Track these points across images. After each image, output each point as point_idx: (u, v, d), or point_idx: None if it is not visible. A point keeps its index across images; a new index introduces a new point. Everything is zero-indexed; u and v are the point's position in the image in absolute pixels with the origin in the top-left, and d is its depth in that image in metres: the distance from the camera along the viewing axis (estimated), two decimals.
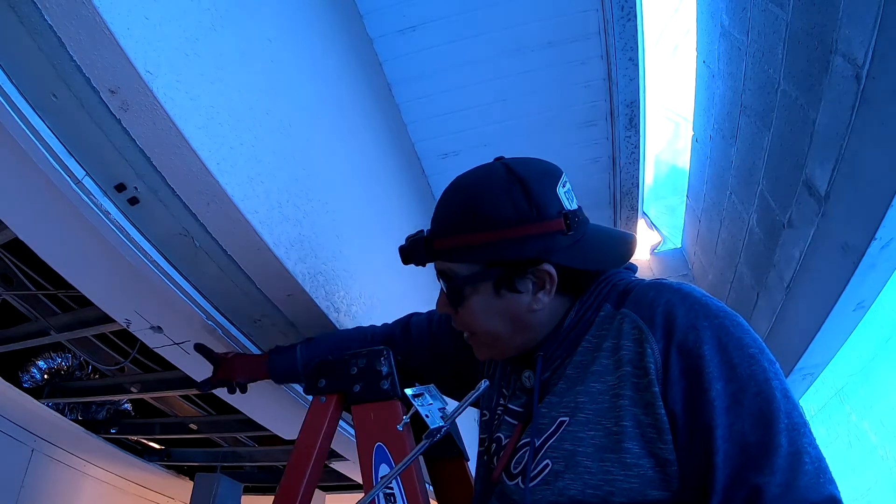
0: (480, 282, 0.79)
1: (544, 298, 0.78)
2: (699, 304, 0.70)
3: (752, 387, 0.65)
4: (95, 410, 3.10)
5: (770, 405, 0.64)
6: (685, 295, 0.72)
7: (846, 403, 2.42)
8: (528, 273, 0.77)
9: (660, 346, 0.68)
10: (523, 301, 0.78)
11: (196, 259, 1.27)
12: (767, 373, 0.66)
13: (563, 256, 0.77)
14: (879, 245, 1.51)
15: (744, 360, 0.66)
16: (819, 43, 1.53)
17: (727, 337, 0.67)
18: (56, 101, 0.95)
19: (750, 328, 0.70)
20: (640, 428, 0.67)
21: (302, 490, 0.99)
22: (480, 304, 0.80)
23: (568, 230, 0.77)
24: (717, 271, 2.94)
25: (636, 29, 2.20)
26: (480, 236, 0.77)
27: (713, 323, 0.68)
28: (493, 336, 0.82)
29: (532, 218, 0.76)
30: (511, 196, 0.77)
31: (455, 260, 0.81)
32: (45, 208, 1.14)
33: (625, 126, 2.60)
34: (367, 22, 2.26)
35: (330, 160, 1.67)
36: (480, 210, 0.78)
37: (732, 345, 0.67)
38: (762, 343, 0.69)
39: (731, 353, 0.66)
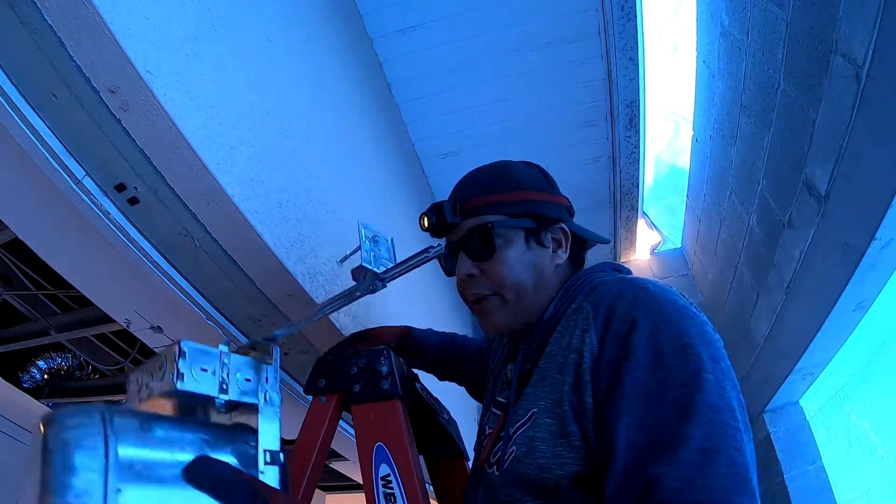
0: (514, 232, 0.88)
1: (563, 255, 0.90)
2: (646, 296, 0.71)
3: (679, 377, 0.63)
4: None
5: (693, 396, 0.61)
6: (637, 287, 0.74)
7: (846, 403, 2.43)
8: (551, 230, 0.89)
9: (598, 336, 0.71)
10: (547, 255, 0.89)
11: (196, 259, 1.26)
12: (702, 365, 0.63)
13: (573, 226, 0.92)
14: (879, 245, 1.51)
15: (676, 351, 0.65)
16: (819, 43, 1.53)
17: (665, 326, 0.67)
18: (56, 101, 0.95)
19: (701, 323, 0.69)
20: (575, 412, 0.69)
21: (302, 490, 0.99)
22: (513, 253, 0.87)
23: (570, 210, 0.95)
24: (717, 271, 2.94)
25: (636, 29, 2.20)
26: (517, 194, 0.90)
27: (653, 313, 0.69)
28: (518, 289, 0.87)
29: (551, 191, 0.94)
30: (535, 174, 0.95)
31: (491, 213, 0.89)
32: (45, 208, 1.14)
33: (625, 126, 2.60)
34: (367, 22, 2.26)
35: (330, 160, 1.67)
36: (514, 175, 0.92)
37: (667, 335, 0.66)
38: (712, 339, 0.68)
39: (662, 343, 0.66)
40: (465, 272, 0.90)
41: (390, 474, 0.92)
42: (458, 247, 0.91)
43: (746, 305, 2.56)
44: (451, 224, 0.91)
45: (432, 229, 0.94)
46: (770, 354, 2.40)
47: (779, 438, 2.53)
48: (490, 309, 0.90)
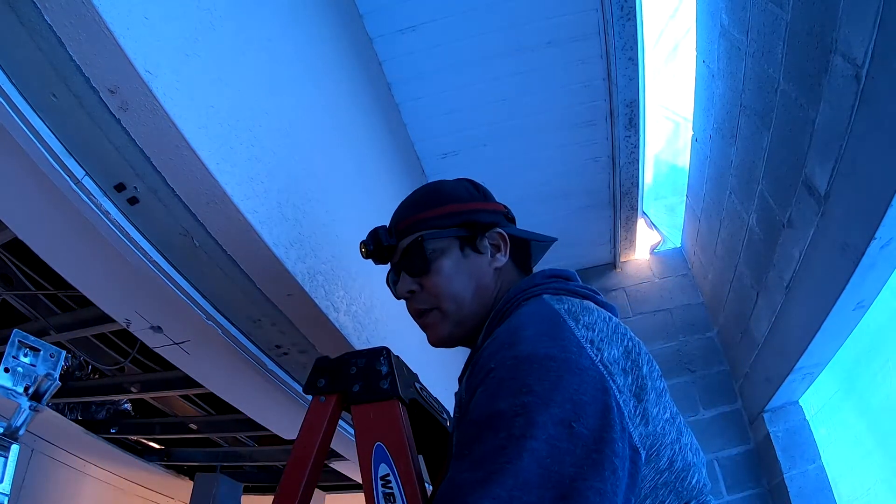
0: (448, 244, 0.91)
1: (502, 259, 0.91)
2: (507, 347, 0.67)
3: (500, 438, 0.58)
4: (95, 410, 3.10)
5: (506, 463, 0.55)
6: (510, 334, 0.69)
7: (846, 403, 2.43)
8: (486, 236, 0.92)
9: (468, 383, 0.71)
10: (485, 261, 0.91)
11: (196, 259, 1.27)
12: (534, 427, 0.56)
13: (510, 229, 0.94)
14: (879, 244, 1.51)
15: (510, 407, 0.59)
16: (819, 42, 1.53)
17: (508, 382, 0.62)
18: (55, 100, 0.95)
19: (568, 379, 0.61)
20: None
21: (301, 490, 0.99)
22: (449, 264, 0.90)
23: (508, 214, 0.98)
24: (716, 271, 2.94)
25: (636, 28, 2.20)
26: (445, 208, 0.93)
27: (503, 367, 0.64)
28: (457, 301, 0.89)
29: (477, 198, 0.97)
30: (464, 186, 0.99)
31: (423, 229, 0.91)
32: (45, 208, 1.14)
33: (624, 126, 2.60)
34: (367, 21, 2.26)
35: (329, 160, 1.67)
36: (442, 192, 0.97)
37: (510, 387, 0.61)
38: (573, 395, 0.59)
39: (499, 395, 0.62)
40: (405, 290, 0.94)
41: (389, 474, 0.92)
42: (398, 267, 0.95)
43: (746, 305, 2.57)
44: (386, 247, 0.95)
45: (372, 255, 0.98)
46: (770, 354, 2.40)
47: (778, 438, 2.53)
48: (431, 322, 0.94)
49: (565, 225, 3.19)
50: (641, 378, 0.66)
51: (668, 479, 0.65)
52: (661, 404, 0.68)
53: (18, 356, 1.17)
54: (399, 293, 0.96)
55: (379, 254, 0.98)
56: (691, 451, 0.70)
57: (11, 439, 1.12)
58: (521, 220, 1.08)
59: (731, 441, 2.79)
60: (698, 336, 3.21)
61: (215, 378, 1.80)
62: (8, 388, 1.14)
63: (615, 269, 3.58)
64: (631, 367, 0.67)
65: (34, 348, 1.19)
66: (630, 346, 0.69)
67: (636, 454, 0.61)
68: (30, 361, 1.18)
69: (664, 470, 0.65)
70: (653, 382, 0.68)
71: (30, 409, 1.15)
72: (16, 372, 1.16)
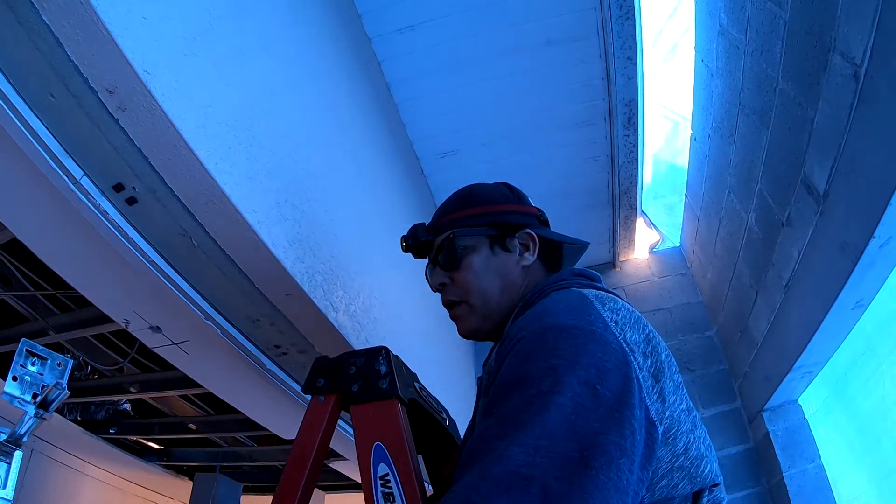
0: (479, 241, 0.97)
1: (530, 258, 0.96)
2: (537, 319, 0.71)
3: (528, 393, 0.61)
4: (94, 411, 3.10)
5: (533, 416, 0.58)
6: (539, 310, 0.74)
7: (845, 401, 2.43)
8: (515, 236, 0.97)
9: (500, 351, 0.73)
10: (513, 259, 0.96)
11: (194, 259, 1.26)
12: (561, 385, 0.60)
13: (539, 230, 0.98)
14: (878, 243, 1.51)
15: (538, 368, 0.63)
16: (817, 41, 1.53)
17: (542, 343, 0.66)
18: (54, 100, 0.95)
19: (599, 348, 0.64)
20: None
21: (301, 490, 0.99)
22: (479, 261, 0.96)
23: (541, 217, 1.02)
24: (715, 270, 2.94)
25: (634, 28, 2.20)
26: (479, 209, 0.99)
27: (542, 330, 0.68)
28: (484, 295, 0.95)
29: (512, 201, 1.01)
30: (500, 189, 1.04)
31: (457, 226, 0.98)
32: (44, 208, 1.14)
33: (623, 125, 2.60)
34: (366, 21, 2.26)
35: (328, 159, 1.67)
36: (478, 194, 1.03)
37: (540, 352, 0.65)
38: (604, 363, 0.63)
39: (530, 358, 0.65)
40: (437, 282, 1.01)
41: (389, 474, 0.92)
42: (434, 262, 1.02)
43: (745, 304, 2.57)
44: (423, 242, 1.03)
45: (410, 250, 1.06)
46: (769, 353, 2.40)
47: (778, 437, 2.53)
48: (460, 315, 1.00)
49: (564, 224, 3.15)
50: (660, 363, 0.69)
51: (683, 464, 0.68)
52: (678, 394, 0.70)
53: (26, 365, 1.17)
54: (432, 285, 1.03)
55: (416, 248, 1.05)
56: (704, 444, 0.72)
57: (15, 446, 1.13)
58: None
59: (731, 440, 2.79)
60: (697, 335, 3.21)
61: (214, 378, 1.80)
62: (16, 396, 1.14)
63: (614, 269, 3.59)
64: (650, 352, 0.69)
65: (41, 357, 1.20)
66: (650, 336, 0.72)
67: (652, 426, 0.64)
68: (37, 370, 1.19)
69: (680, 455, 0.67)
70: (671, 373, 0.71)
71: (36, 416, 1.16)
72: (23, 380, 1.16)
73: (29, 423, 1.16)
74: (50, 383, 1.19)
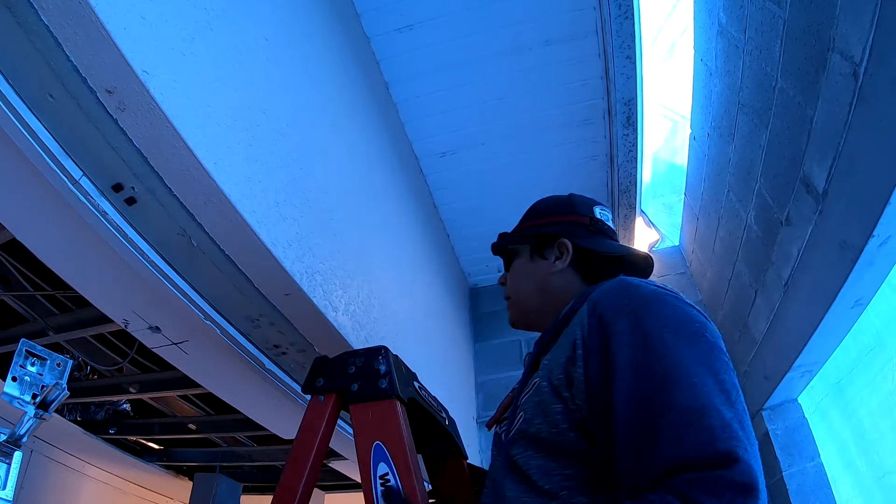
0: (523, 249, 1.12)
1: (560, 266, 1.04)
2: (635, 289, 0.81)
3: (659, 350, 0.71)
4: (94, 411, 3.10)
5: (674, 366, 0.69)
6: (627, 282, 0.84)
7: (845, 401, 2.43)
8: (553, 245, 1.06)
9: (588, 320, 0.81)
10: (546, 265, 1.06)
11: (194, 259, 1.26)
12: (680, 339, 0.72)
13: (581, 240, 1.05)
14: (877, 242, 1.51)
15: (656, 329, 0.73)
16: (816, 40, 1.53)
17: (645, 310, 0.76)
18: (53, 101, 0.95)
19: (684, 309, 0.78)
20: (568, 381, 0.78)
21: (301, 489, 0.99)
22: (520, 266, 1.11)
23: (591, 225, 1.07)
24: (715, 269, 2.94)
25: (633, 27, 2.20)
26: (531, 222, 1.14)
27: (635, 301, 0.78)
28: (523, 294, 1.09)
29: (564, 212, 1.11)
30: (558, 201, 1.15)
31: (518, 233, 1.14)
32: (43, 209, 1.14)
33: (622, 124, 2.60)
34: (365, 20, 2.26)
35: (327, 159, 1.67)
36: (537, 208, 1.17)
37: (648, 317, 0.75)
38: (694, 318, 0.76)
39: (643, 323, 0.74)
40: (500, 281, 1.19)
41: (389, 473, 0.92)
42: None
43: (744, 303, 2.57)
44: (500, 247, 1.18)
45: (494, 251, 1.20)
46: (768, 352, 2.40)
47: (777, 436, 2.53)
48: (508, 307, 1.14)
49: None
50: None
51: None
52: None
53: (25, 365, 1.17)
54: (499, 281, 1.19)
55: (497, 250, 1.19)
56: None
57: (14, 446, 1.13)
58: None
59: None
60: None
61: (214, 378, 1.80)
62: (15, 396, 1.14)
63: None
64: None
65: (41, 357, 1.20)
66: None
67: None
68: (37, 370, 1.19)
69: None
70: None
71: (36, 417, 1.16)
72: (23, 381, 1.16)
73: (28, 423, 1.16)
74: (49, 384, 1.19)
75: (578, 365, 0.78)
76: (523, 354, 3.38)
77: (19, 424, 1.16)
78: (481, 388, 3.33)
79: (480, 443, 3.10)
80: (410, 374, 1.15)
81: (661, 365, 0.70)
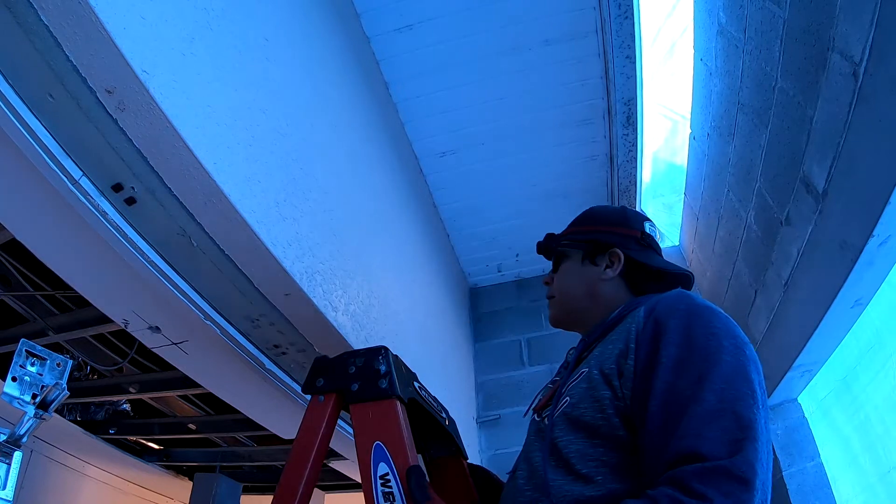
0: (575, 252, 1.16)
1: (610, 274, 1.09)
2: (691, 299, 0.88)
3: (702, 353, 0.78)
4: (94, 411, 3.10)
5: (711, 368, 0.76)
6: (688, 294, 0.91)
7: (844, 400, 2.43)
8: (605, 253, 1.11)
9: (643, 319, 0.88)
10: (597, 272, 1.10)
11: (193, 259, 1.26)
12: (722, 349, 0.79)
13: (631, 252, 1.10)
14: (877, 242, 1.51)
15: (702, 335, 0.81)
16: (816, 40, 1.53)
17: (697, 318, 0.83)
18: (52, 101, 0.95)
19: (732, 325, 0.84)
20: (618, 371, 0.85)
21: (301, 489, 0.99)
22: (570, 267, 1.16)
23: (641, 239, 1.12)
24: (714, 269, 2.94)
25: (633, 27, 2.20)
26: (585, 227, 1.19)
27: (690, 309, 0.86)
28: (570, 296, 1.13)
29: (618, 224, 1.15)
30: (613, 211, 1.20)
31: (565, 239, 1.19)
32: (42, 209, 1.14)
33: (622, 124, 2.60)
34: (365, 20, 2.26)
35: (327, 159, 1.67)
36: (592, 215, 1.21)
37: (698, 324, 0.82)
38: (737, 334, 0.83)
39: (692, 329, 0.82)
40: (546, 278, 1.22)
41: (389, 473, 0.92)
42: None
43: (744, 303, 2.57)
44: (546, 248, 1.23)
45: (541, 251, 1.25)
46: (768, 352, 2.40)
47: (777, 436, 2.53)
48: (550, 305, 1.19)
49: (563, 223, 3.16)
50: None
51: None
52: None
53: (25, 365, 1.17)
54: (544, 280, 1.22)
55: (545, 251, 1.24)
56: None
57: (14, 446, 1.13)
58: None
59: None
60: None
61: (214, 378, 1.80)
62: (15, 396, 1.14)
63: None
64: None
65: (41, 357, 1.20)
66: None
67: None
68: (37, 370, 1.19)
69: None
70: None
71: (36, 417, 1.16)
72: (23, 381, 1.16)
73: (28, 423, 1.16)
74: (49, 384, 1.19)
75: (630, 357, 0.84)
76: (523, 355, 3.38)
77: (19, 424, 1.16)
78: (481, 388, 3.33)
79: (480, 443, 3.10)
80: (410, 374, 1.15)
81: (699, 366, 0.77)
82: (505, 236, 3.35)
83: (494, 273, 3.65)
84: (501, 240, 3.38)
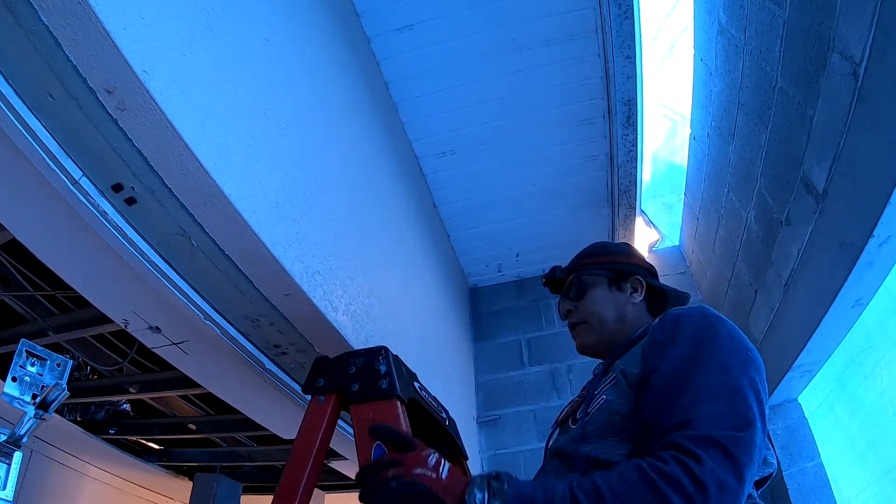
0: (599, 280, 1.22)
1: (637, 298, 1.19)
2: (704, 309, 0.95)
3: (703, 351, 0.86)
4: (94, 411, 3.10)
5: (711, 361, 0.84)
6: (702, 306, 0.98)
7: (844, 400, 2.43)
8: (629, 280, 1.21)
9: (659, 321, 0.97)
10: (624, 297, 1.19)
11: (194, 259, 1.26)
12: (724, 349, 0.86)
13: (648, 279, 1.22)
14: (877, 242, 1.51)
15: (710, 336, 0.88)
16: (816, 40, 1.53)
17: (709, 323, 0.91)
18: (52, 101, 0.95)
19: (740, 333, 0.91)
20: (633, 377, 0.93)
21: (301, 489, 0.99)
22: (599, 293, 1.21)
23: (650, 269, 1.26)
24: (715, 269, 2.94)
25: (633, 27, 2.20)
26: (602, 258, 1.26)
27: (702, 313, 0.93)
28: (600, 319, 1.18)
29: (630, 255, 1.28)
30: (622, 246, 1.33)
31: (585, 269, 1.25)
32: (43, 209, 1.14)
33: (622, 124, 2.60)
34: (365, 20, 2.26)
35: (327, 159, 1.67)
36: (604, 248, 1.30)
37: (708, 325, 0.90)
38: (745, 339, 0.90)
39: (702, 330, 0.89)
40: (564, 309, 1.25)
41: None
42: (565, 294, 1.26)
43: (744, 303, 2.57)
44: (558, 279, 1.29)
45: (548, 284, 1.31)
46: (768, 352, 2.40)
47: (777, 435, 2.53)
48: (580, 332, 1.21)
49: (563, 223, 3.19)
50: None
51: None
52: None
53: (25, 366, 1.17)
54: (561, 312, 1.26)
55: (553, 283, 1.30)
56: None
57: (15, 447, 1.13)
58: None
59: None
60: None
61: (214, 378, 1.80)
62: (15, 396, 1.14)
63: None
64: None
65: (41, 357, 1.20)
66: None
67: None
68: (37, 371, 1.19)
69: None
70: None
71: (36, 417, 1.16)
72: (23, 381, 1.16)
73: (29, 423, 1.16)
74: (49, 384, 1.19)
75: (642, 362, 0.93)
76: (523, 355, 3.38)
77: (19, 424, 1.15)
78: (481, 388, 3.33)
79: (480, 443, 3.10)
80: (411, 375, 1.15)
81: (702, 358, 0.85)
82: (505, 236, 3.34)
83: (494, 273, 3.65)
84: (501, 240, 3.38)
